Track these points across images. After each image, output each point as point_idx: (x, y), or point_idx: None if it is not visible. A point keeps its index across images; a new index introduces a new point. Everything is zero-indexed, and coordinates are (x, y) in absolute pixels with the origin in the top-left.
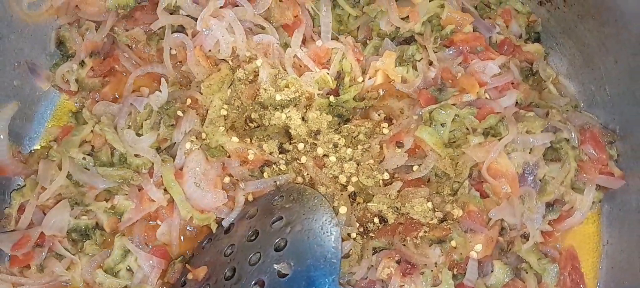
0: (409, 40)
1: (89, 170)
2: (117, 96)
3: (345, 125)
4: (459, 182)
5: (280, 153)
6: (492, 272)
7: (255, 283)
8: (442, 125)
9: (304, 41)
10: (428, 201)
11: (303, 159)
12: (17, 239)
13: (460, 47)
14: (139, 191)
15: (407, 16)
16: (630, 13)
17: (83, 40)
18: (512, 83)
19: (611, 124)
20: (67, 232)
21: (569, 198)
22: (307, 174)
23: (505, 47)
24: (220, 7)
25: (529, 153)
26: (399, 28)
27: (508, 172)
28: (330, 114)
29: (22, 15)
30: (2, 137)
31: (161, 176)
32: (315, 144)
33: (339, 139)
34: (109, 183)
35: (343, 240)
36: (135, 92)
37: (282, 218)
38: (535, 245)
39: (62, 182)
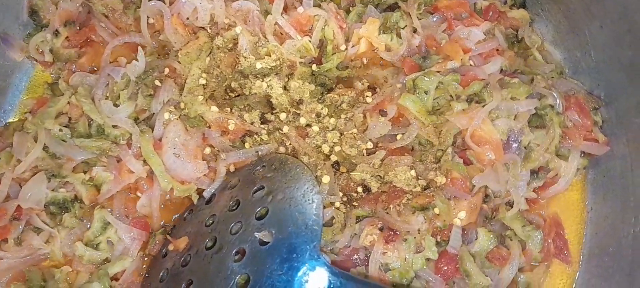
0: (393, 7)
1: (66, 141)
2: (94, 67)
3: (328, 95)
4: (442, 149)
5: (262, 123)
6: (476, 239)
7: (236, 252)
8: (426, 92)
9: (285, 8)
10: (411, 169)
11: (285, 129)
12: None
13: (445, 14)
14: (117, 162)
15: None
16: None
17: (57, 9)
18: (497, 50)
19: (596, 90)
20: (45, 205)
21: (554, 165)
22: (290, 144)
23: (490, 13)
24: None
25: (514, 119)
26: None
27: (492, 139)
28: (312, 83)
29: None
30: None
31: (140, 147)
32: (298, 114)
33: (322, 109)
34: (86, 155)
35: (325, 207)
36: (113, 62)
37: (263, 187)
38: (519, 213)
39: (38, 154)
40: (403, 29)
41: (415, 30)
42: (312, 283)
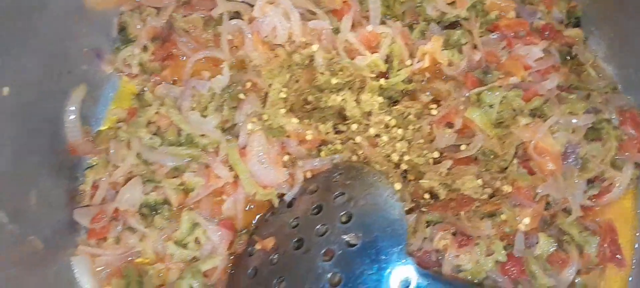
0: (454, 25)
1: (156, 149)
2: (175, 79)
3: (395, 107)
4: (506, 160)
5: (335, 133)
6: (537, 243)
7: (324, 253)
8: (491, 106)
9: (352, 25)
10: (478, 178)
11: (357, 139)
12: (95, 214)
13: (504, 32)
14: (206, 168)
15: (453, 2)
16: None
17: (144, 25)
18: (553, 66)
19: None
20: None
21: (609, 175)
22: (362, 153)
23: (547, 31)
24: None
25: (572, 133)
26: (445, 13)
27: (552, 151)
28: (381, 96)
29: (92, 3)
30: (74, 117)
31: (226, 155)
32: (368, 125)
33: (390, 120)
34: (178, 162)
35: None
36: (194, 75)
37: (343, 193)
38: (577, 219)
39: (133, 160)
40: (464, 45)
41: (475, 47)
42: (402, 282)
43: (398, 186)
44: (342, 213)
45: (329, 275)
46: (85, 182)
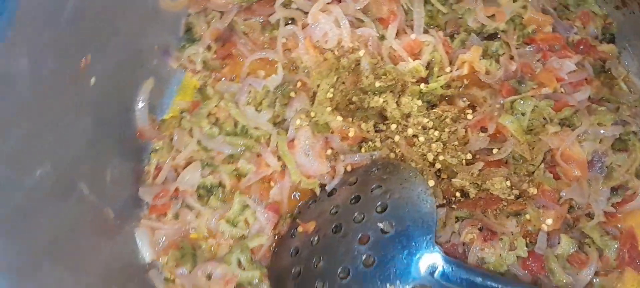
0: (492, 36)
1: (215, 137)
2: (234, 76)
3: (433, 110)
4: (534, 164)
5: (375, 132)
6: (559, 243)
7: (360, 238)
8: (523, 114)
9: (397, 33)
10: (506, 180)
11: (396, 138)
12: (157, 192)
13: (540, 45)
14: (257, 157)
15: (493, 15)
16: None
17: (208, 27)
18: (586, 79)
19: None
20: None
21: (632, 185)
22: (399, 151)
23: (581, 46)
24: (328, 3)
25: (599, 143)
26: (484, 25)
27: (579, 158)
28: (420, 100)
29: (164, 5)
30: (142, 106)
31: (276, 146)
32: (407, 126)
33: (428, 122)
34: (233, 150)
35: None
36: (250, 74)
37: (381, 186)
38: (598, 224)
39: (194, 146)
40: (502, 55)
41: (512, 58)
42: (429, 268)
43: (431, 183)
44: (378, 204)
45: (364, 257)
46: (150, 163)
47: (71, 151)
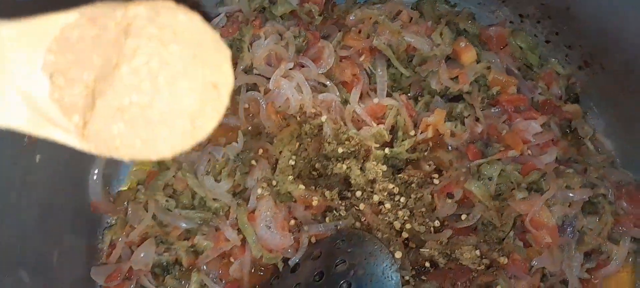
0: (457, 98)
1: (171, 211)
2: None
3: (399, 175)
4: (504, 231)
5: (340, 199)
6: None
7: None
8: (489, 179)
9: (360, 97)
10: (476, 249)
11: (361, 206)
12: (110, 272)
13: (505, 107)
14: (216, 231)
15: (457, 77)
16: None
17: None
18: (552, 140)
19: None
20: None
21: (606, 249)
22: (365, 220)
23: (546, 107)
24: (290, 69)
25: (568, 207)
26: (448, 87)
27: (549, 224)
28: (384, 165)
29: None
30: (97, 177)
31: (236, 218)
32: (372, 192)
33: (393, 188)
34: (190, 224)
35: (403, 285)
36: (211, 141)
37: (345, 261)
38: None
39: (149, 221)
40: (467, 117)
41: (477, 119)
42: None
43: (399, 254)
44: (342, 282)
45: None
46: (104, 240)
47: (15, 231)
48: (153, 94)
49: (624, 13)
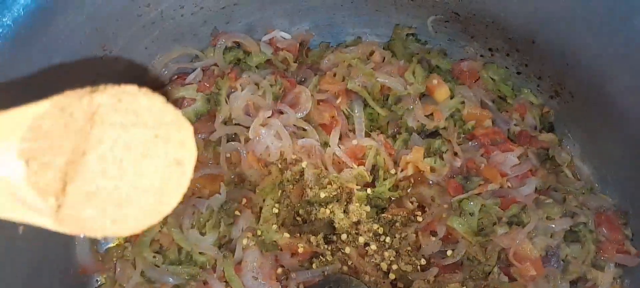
0: (435, 134)
1: (159, 267)
2: None
3: (383, 215)
4: (489, 265)
5: (325, 243)
6: None
7: None
8: (471, 214)
9: (340, 138)
10: (462, 285)
11: (347, 249)
12: None
13: (482, 140)
14: (204, 285)
15: (432, 113)
16: (628, 110)
17: None
18: (530, 170)
19: (624, 205)
20: None
21: (591, 276)
22: (352, 263)
23: (522, 137)
24: (268, 117)
25: (550, 237)
26: (424, 124)
27: (532, 256)
28: (368, 205)
29: None
30: (84, 237)
31: (223, 271)
32: (357, 234)
33: (378, 228)
34: (178, 280)
35: None
36: (194, 193)
37: None
38: None
39: (138, 279)
40: (445, 153)
41: (456, 154)
42: None
43: None
44: None
45: None
46: None
47: None
48: (119, 178)
49: (582, 39)
